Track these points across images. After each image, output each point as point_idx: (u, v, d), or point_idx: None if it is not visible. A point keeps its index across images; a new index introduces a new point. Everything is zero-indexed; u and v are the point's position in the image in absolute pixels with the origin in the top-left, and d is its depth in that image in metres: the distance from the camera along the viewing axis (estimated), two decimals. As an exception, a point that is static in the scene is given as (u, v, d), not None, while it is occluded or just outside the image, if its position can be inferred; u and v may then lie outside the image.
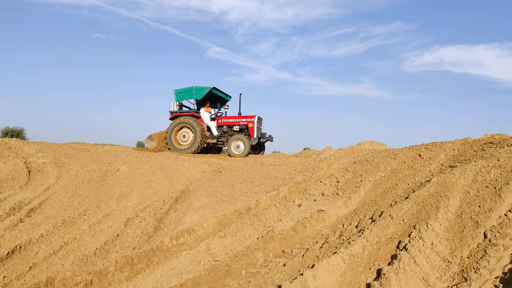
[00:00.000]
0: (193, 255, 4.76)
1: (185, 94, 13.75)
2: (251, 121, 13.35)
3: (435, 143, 7.17)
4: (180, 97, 13.85)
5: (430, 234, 3.95)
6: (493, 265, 3.51)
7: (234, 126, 13.70)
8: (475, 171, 5.04)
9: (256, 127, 13.32)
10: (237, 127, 13.63)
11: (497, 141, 6.24)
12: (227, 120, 13.84)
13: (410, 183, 5.56)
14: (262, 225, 5.30)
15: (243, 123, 13.53)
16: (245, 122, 13.46)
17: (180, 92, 13.79)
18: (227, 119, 13.87)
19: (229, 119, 13.84)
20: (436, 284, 3.45)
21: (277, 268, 4.26)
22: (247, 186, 7.36)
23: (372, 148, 9.29)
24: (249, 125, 13.34)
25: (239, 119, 13.66)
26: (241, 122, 13.57)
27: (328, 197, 5.82)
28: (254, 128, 13.25)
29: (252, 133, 13.26)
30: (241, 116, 13.70)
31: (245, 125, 13.46)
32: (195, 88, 13.44)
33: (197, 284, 4.22)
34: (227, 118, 13.91)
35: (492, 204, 4.26)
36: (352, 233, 4.61)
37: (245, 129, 13.49)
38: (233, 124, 13.71)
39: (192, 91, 13.49)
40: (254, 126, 13.26)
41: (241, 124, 13.56)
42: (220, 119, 13.93)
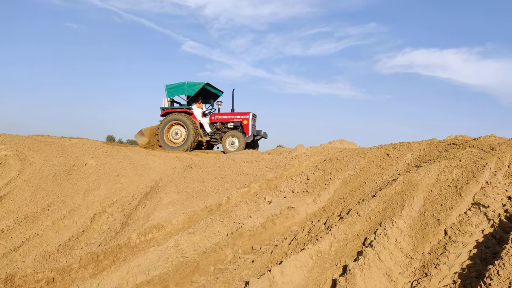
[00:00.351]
0: (161, 251, 4.71)
1: (176, 89, 13.30)
2: (246, 118, 12.94)
3: (402, 143, 7.39)
4: (172, 92, 13.38)
5: (395, 231, 4.07)
6: (452, 261, 3.66)
7: (228, 123, 13.24)
8: (438, 170, 5.22)
9: (251, 124, 12.95)
10: (231, 124, 13.17)
11: (460, 142, 6.49)
12: (220, 116, 13.37)
13: (377, 182, 5.71)
14: (232, 222, 5.31)
15: (237, 120, 13.09)
16: (240, 119, 13.04)
17: (172, 88, 13.33)
18: (221, 115, 13.41)
19: (222, 116, 13.37)
20: (398, 279, 3.57)
21: (246, 264, 4.28)
22: (218, 183, 7.34)
23: (343, 146, 9.47)
24: (244, 122, 12.93)
25: (234, 115, 13.22)
26: (236, 119, 13.12)
27: (298, 194, 5.90)
28: (249, 125, 12.84)
29: (247, 130, 12.85)
30: (236, 113, 13.28)
31: (240, 122, 13.03)
32: (188, 83, 13.05)
33: (164, 280, 4.19)
34: (220, 114, 13.44)
35: (453, 202, 4.44)
36: (320, 230, 4.70)
37: (240, 126, 13.07)
38: (227, 121, 13.26)
39: (184, 86, 13.08)
40: (249, 123, 12.87)
41: (236, 121, 13.11)
42: (213, 115, 13.47)
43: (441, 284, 3.41)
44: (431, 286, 3.41)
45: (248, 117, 12.91)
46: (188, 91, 13.08)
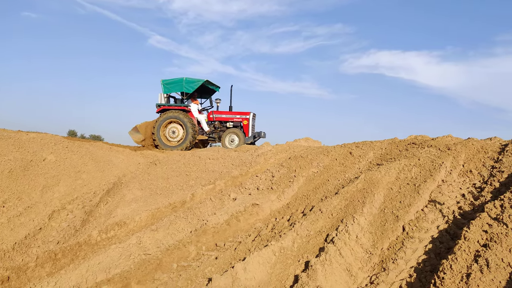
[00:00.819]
0: (123, 248, 4.61)
1: (174, 86, 12.55)
2: (246, 118, 12.25)
3: (365, 142, 7.58)
4: (169, 88, 12.48)
5: (356, 227, 4.17)
6: (409, 256, 3.80)
7: (227, 122, 12.51)
8: (398, 169, 5.40)
9: (251, 125, 12.31)
10: (230, 123, 12.42)
11: (419, 142, 6.73)
12: (219, 115, 12.62)
13: (340, 179, 5.83)
14: (196, 219, 5.27)
15: (237, 119, 12.37)
16: (240, 119, 12.34)
17: (169, 83, 12.59)
18: (220, 114, 12.65)
19: (222, 115, 12.62)
20: (358, 274, 3.66)
21: (209, 261, 4.27)
22: (183, 180, 7.26)
23: (307, 144, 9.60)
24: (244, 123, 12.25)
25: (233, 115, 12.50)
26: (235, 118, 12.40)
27: (263, 191, 5.93)
28: (249, 125, 12.19)
29: (247, 131, 12.19)
30: (236, 112, 12.57)
31: (239, 122, 12.35)
32: (186, 80, 12.22)
33: (126, 278, 4.10)
34: (219, 113, 12.69)
35: (411, 200, 4.60)
36: (284, 226, 4.74)
37: (239, 126, 12.39)
38: (226, 120, 12.54)
39: (182, 83, 12.24)
40: (249, 123, 12.20)
41: (235, 120, 12.38)
42: (211, 114, 12.73)
43: (398, 278, 3.54)
44: (388, 280, 3.53)
45: (248, 117, 12.28)
46: (186, 88, 12.29)
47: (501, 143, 6.10)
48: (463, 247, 3.39)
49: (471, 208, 4.32)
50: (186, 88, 12.26)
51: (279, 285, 3.59)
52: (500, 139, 6.54)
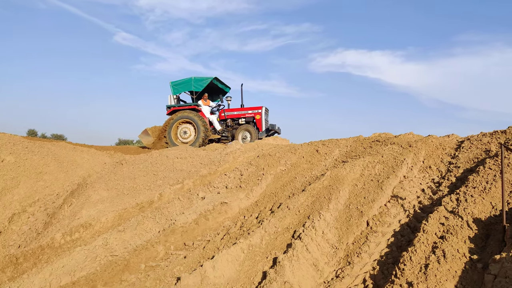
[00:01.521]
0: (89, 251, 4.51)
1: (183, 86, 12.43)
2: (258, 113, 12.05)
3: (331, 140, 7.76)
4: (178, 89, 12.50)
5: (322, 223, 4.28)
6: (373, 249, 3.94)
7: (239, 119, 12.31)
8: (363, 166, 5.57)
9: (264, 119, 12.11)
10: (242, 120, 12.23)
11: (383, 139, 6.97)
12: (231, 112, 12.46)
13: (307, 177, 5.95)
14: (164, 218, 5.23)
15: (249, 115, 12.18)
16: (252, 114, 12.14)
17: (177, 84, 12.48)
18: (232, 111, 12.48)
19: (233, 112, 12.44)
20: (324, 268, 3.76)
21: (178, 260, 4.25)
22: (150, 179, 7.17)
23: (276, 143, 9.70)
24: (257, 117, 12.04)
25: (245, 111, 12.31)
26: (247, 114, 12.21)
27: (231, 189, 5.95)
28: (262, 120, 11.98)
29: (260, 125, 11.97)
30: (247, 107, 12.39)
31: (252, 117, 12.14)
32: (194, 79, 12.22)
33: (92, 281, 4.02)
34: (231, 110, 12.52)
35: (375, 195, 4.77)
36: (253, 224, 4.80)
37: (252, 121, 12.20)
38: (238, 117, 12.33)
39: (191, 82, 12.24)
40: (262, 117, 12.00)
41: (248, 116, 12.19)
42: (223, 112, 12.55)
43: (362, 271, 3.66)
44: (353, 273, 3.65)
45: (260, 111, 12.07)
46: (195, 87, 12.24)
47: (458, 139, 6.41)
48: (422, 239, 3.56)
49: (430, 202, 4.53)
50: (195, 86, 12.18)
51: (248, 281, 3.63)
52: (457, 136, 6.87)
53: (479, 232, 3.61)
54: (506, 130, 6.03)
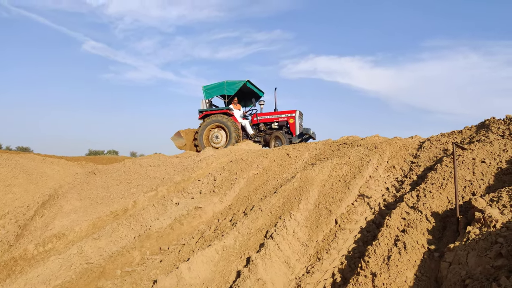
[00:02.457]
0: (63, 259, 4.53)
1: (215, 90, 12.27)
2: (292, 117, 11.62)
3: (301, 143, 8.01)
4: (210, 93, 12.33)
5: (293, 223, 4.48)
6: (341, 245, 4.17)
7: (272, 123, 11.89)
8: (331, 167, 5.82)
9: (298, 123, 11.64)
10: (275, 124, 11.81)
11: (350, 142, 7.27)
12: (263, 117, 12.08)
13: (278, 179, 6.15)
14: (139, 225, 5.30)
15: (282, 119, 11.75)
16: (285, 118, 11.71)
17: (210, 88, 12.31)
18: (264, 115, 12.11)
19: (266, 116, 12.06)
20: (295, 265, 3.95)
21: (154, 264, 4.34)
22: (124, 188, 7.19)
23: (248, 148, 9.88)
24: (290, 121, 11.61)
25: (278, 115, 11.91)
26: (281, 118, 11.78)
27: (205, 194, 6.08)
28: (295, 124, 11.53)
29: (293, 130, 11.55)
30: (280, 111, 11.98)
31: (285, 121, 11.72)
32: (227, 82, 12.06)
33: (68, 288, 4.06)
34: (263, 114, 12.16)
35: (342, 195, 5.02)
36: (226, 226, 4.94)
37: (285, 125, 11.76)
38: (271, 121, 11.92)
39: (223, 86, 12.07)
40: (296, 122, 11.54)
41: (281, 120, 11.77)
42: (255, 116, 12.19)
43: (331, 266, 3.88)
44: (323, 269, 3.85)
45: (294, 115, 11.64)
46: (227, 91, 12.06)
47: (420, 140, 6.79)
48: (385, 234, 3.81)
49: (393, 200, 4.81)
50: (228, 90, 12.00)
51: (223, 281, 3.78)
52: (420, 137, 7.26)
53: (437, 224, 3.89)
54: (462, 130, 6.45)
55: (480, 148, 5.08)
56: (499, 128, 5.67)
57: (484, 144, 5.17)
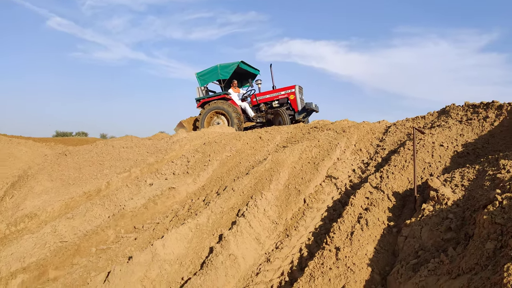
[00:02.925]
0: (37, 238, 4.58)
1: (209, 75, 11.86)
2: (292, 93, 11.19)
3: (274, 127, 8.21)
4: (204, 80, 11.95)
5: (264, 202, 4.69)
6: (309, 223, 4.41)
7: (272, 102, 11.46)
8: (301, 150, 6.05)
9: (298, 98, 11.22)
10: (276, 102, 11.39)
11: (320, 126, 7.52)
12: (263, 96, 11.63)
13: (251, 161, 6.34)
14: (113, 205, 5.38)
15: (282, 96, 11.33)
16: (285, 94, 11.29)
17: (203, 75, 11.92)
18: (263, 95, 11.65)
19: (265, 95, 11.62)
20: (265, 241, 4.18)
21: (129, 242, 4.47)
22: (96, 169, 7.20)
23: (221, 131, 9.99)
24: (291, 97, 11.19)
25: (277, 92, 11.47)
26: (280, 95, 11.36)
27: (179, 175, 6.19)
28: (296, 99, 11.13)
29: (295, 106, 11.16)
30: (279, 89, 11.55)
31: (286, 98, 11.30)
32: (220, 66, 11.62)
33: (42, 266, 4.13)
34: (262, 94, 11.69)
35: (311, 176, 5.25)
36: (200, 206, 5.10)
37: (286, 102, 11.35)
38: (271, 100, 11.49)
39: (217, 70, 11.65)
40: (297, 97, 11.14)
41: (281, 98, 11.35)
42: (254, 97, 11.76)
43: (299, 242, 4.11)
44: (291, 244, 4.09)
45: (294, 90, 11.21)
46: (222, 75, 11.64)
47: (386, 125, 7.11)
48: (350, 212, 4.07)
49: (359, 181, 5.09)
50: (222, 74, 11.63)
51: (196, 256, 3.95)
52: (387, 121, 7.59)
53: (397, 203, 4.18)
54: (425, 116, 6.80)
55: (439, 132, 5.41)
56: (457, 114, 6.04)
57: (443, 129, 5.51)
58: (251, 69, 12.61)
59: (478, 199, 3.33)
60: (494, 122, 5.32)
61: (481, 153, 4.68)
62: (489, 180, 3.59)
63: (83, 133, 31.86)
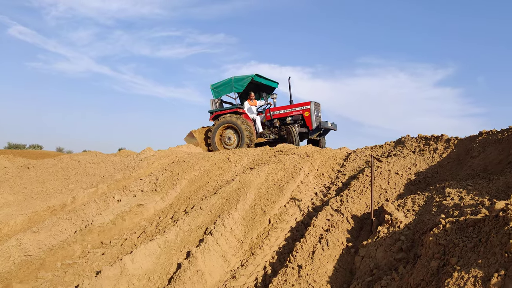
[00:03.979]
0: (1, 251, 4.52)
1: (223, 88, 11.36)
2: (306, 109, 10.43)
3: (241, 149, 8.48)
4: (218, 92, 11.48)
5: (231, 221, 4.89)
6: (273, 242, 4.65)
7: (286, 117, 10.69)
8: (267, 172, 6.33)
9: (314, 115, 10.42)
10: (290, 118, 10.58)
11: (286, 149, 7.87)
12: (277, 112, 10.91)
13: (218, 181, 6.54)
14: (80, 220, 5.39)
15: (297, 112, 10.55)
16: (299, 111, 10.54)
17: (217, 87, 11.45)
18: (278, 110, 10.93)
19: (279, 110, 10.89)
20: (231, 259, 4.37)
21: (96, 257, 4.51)
22: (61, 183, 7.14)
23: (189, 150, 10.15)
24: (305, 114, 10.41)
25: (292, 108, 10.69)
26: (295, 112, 10.59)
27: (147, 193, 6.29)
28: (311, 117, 10.35)
29: (309, 123, 10.39)
30: (294, 104, 10.78)
31: (300, 114, 10.51)
32: (234, 79, 11.08)
33: (6, 279, 4.10)
34: (277, 109, 10.97)
35: (276, 197, 5.52)
36: (168, 223, 5.22)
37: (301, 119, 10.54)
38: (285, 116, 10.74)
39: (231, 83, 11.12)
40: (312, 114, 10.36)
41: (295, 114, 10.56)
42: (268, 111, 11.01)
43: (263, 260, 4.34)
44: (256, 262, 4.30)
45: (309, 107, 10.45)
46: (236, 88, 11.11)
47: (347, 152, 7.55)
48: (312, 232, 4.35)
49: (321, 203, 5.41)
50: (236, 87, 11.14)
51: (164, 272, 4.08)
52: (348, 148, 8.06)
53: (355, 225, 4.51)
54: (383, 145, 7.31)
55: (395, 161, 5.87)
56: (411, 145, 6.56)
57: (398, 158, 5.98)
58: (268, 82, 12.07)
59: (426, 222, 3.71)
60: (442, 154, 5.84)
61: (431, 182, 5.14)
62: (436, 206, 4.00)
63: (38, 146, 30.68)
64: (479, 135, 5.76)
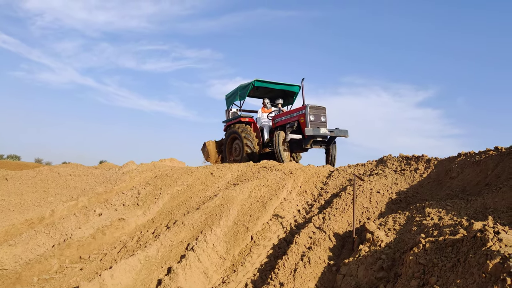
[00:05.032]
0: (-25, 264, 4.39)
1: (232, 97, 11.05)
2: (301, 115, 9.27)
3: (225, 164, 8.47)
4: (229, 102, 11.25)
5: (213, 237, 4.86)
6: (255, 259, 4.64)
7: (286, 124, 9.70)
8: (251, 188, 6.33)
9: (309, 121, 9.13)
10: (288, 126, 9.57)
11: (269, 166, 7.90)
12: (279, 119, 10.08)
13: (201, 197, 6.51)
14: (59, 233, 5.27)
15: (293, 119, 9.51)
16: (296, 117, 9.45)
17: (229, 97, 11.23)
18: (279, 117, 10.12)
19: (281, 117, 10.03)
20: (213, 276, 4.33)
21: (74, 272, 4.41)
22: (40, 196, 6.98)
23: (172, 165, 10.10)
24: (300, 120, 9.27)
25: (290, 114, 9.75)
26: (292, 118, 9.56)
27: (129, 207, 6.21)
28: (306, 123, 9.10)
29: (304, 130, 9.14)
30: (292, 110, 9.93)
31: (296, 121, 9.44)
32: (240, 87, 10.67)
33: (-21, 294, 3.97)
34: (279, 116, 10.17)
35: (259, 214, 5.53)
36: (149, 238, 5.16)
37: (296, 126, 9.42)
38: (284, 123, 9.80)
39: (237, 91, 10.72)
40: (306, 120, 9.10)
41: (292, 121, 9.54)
42: (273, 119, 10.31)
43: (245, 278, 4.31)
44: (237, 279, 4.28)
45: (304, 111, 9.24)
46: (240, 96, 10.68)
47: (330, 169, 7.63)
48: (294, 250, 4.36)
49: (303, 221, 5.43)
50: (240, 96, 10.74)
51: (144, 288, 4.01)
52: (330, 166, 8.15)
53: (337, 243, 4.55)
54: (365, 163, 7.42)
55: (377, 180, 5.96)
56: (393, 164, 6.69)
57: (380, 177, 6.07)
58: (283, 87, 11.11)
59: (406, 242, 3.77)
60: (423, 173, 5.97)
61: (411, 201, 5.23)
62: (416, 225, 4.07)
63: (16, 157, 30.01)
64: (458, 156, 5.92)
